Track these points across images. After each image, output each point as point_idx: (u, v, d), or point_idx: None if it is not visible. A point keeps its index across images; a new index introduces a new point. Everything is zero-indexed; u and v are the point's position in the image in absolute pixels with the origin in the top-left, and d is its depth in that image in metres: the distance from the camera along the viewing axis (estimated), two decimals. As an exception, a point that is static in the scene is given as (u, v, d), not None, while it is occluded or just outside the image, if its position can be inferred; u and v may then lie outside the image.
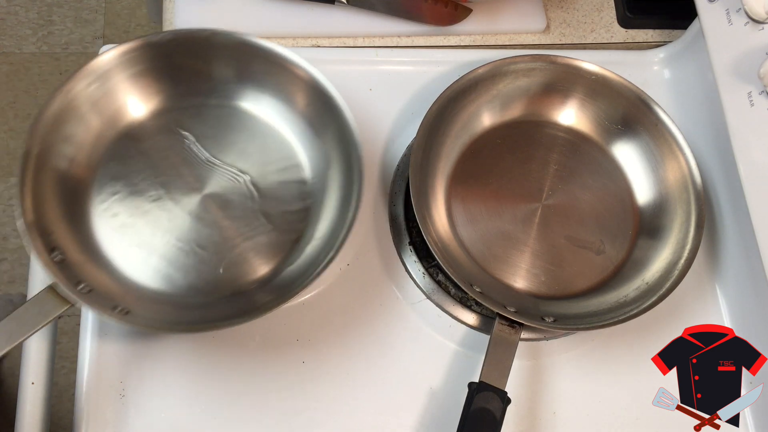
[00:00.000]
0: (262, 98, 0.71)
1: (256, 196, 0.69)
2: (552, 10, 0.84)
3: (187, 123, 0.70)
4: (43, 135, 0.64)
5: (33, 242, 0.60)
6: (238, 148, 0.70)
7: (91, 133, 0.68)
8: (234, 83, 0.71)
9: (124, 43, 0.68)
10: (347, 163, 0.67)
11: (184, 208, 0.68)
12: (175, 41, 0.68)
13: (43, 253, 0.60)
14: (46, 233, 0.62)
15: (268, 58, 0.69)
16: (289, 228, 0.68)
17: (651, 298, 0.67)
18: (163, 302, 0.64)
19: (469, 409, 0.60)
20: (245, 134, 0.71)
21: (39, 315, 0.58)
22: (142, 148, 0.69)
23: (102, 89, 0.68)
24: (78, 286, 0.60)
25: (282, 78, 0.70)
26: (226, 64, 0.70)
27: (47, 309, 0.58)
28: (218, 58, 0.70)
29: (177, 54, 0.69)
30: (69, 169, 0.66)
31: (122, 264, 0.66)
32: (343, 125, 0.67)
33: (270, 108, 0.71)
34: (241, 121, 0.71)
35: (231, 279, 0.66)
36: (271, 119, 0.71)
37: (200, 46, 0.69)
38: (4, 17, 1.67)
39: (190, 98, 0.71)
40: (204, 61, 0.70)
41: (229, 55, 0.69)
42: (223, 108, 0.71)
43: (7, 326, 0.57)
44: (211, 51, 0.69)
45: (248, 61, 0.70)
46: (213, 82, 0.71)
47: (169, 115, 0.71)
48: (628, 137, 0.76)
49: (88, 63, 0.67)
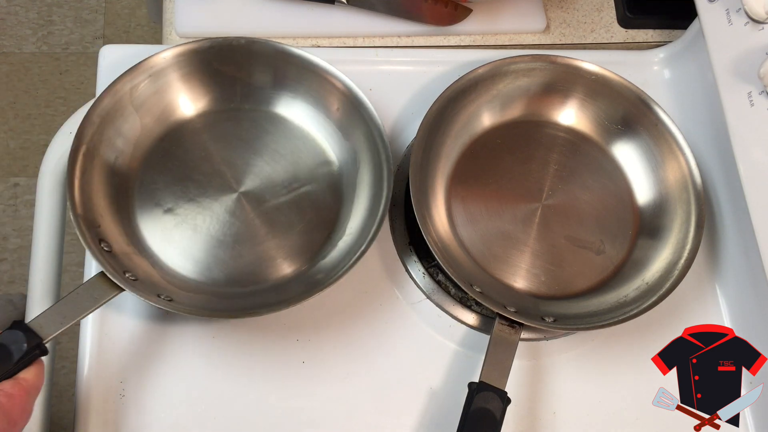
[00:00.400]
0: (295, 103, 0.74)
1: (289, 195, 0.72)
2: (552, 10, 0.84)
3: (225, 125, 0.74)
4: (92, 131, 0.67)
5: (82, 234, 0.63)
6: (272, 149, 0.73)
7: (138, 130, 0.71)
8: (268, 89, 0.74)
9: (175, 46, 0.71)
10: (376, 162, 0.70)
11: (222, 204, 0.70)
12: (213, 48, 0.72)
13: (91, 243, 0.63)
14: (93, 225, 0.65)
15: (302, 65, 0.72)
16: (322, 224, 0.71)
17: (651, 298, 0.67)
18: (202, 292, 0.67)
19: (469, 409, 0.60)
20: (279, 136, 0.74)
21: (91, 299, 0.61)
22: (185, 146, 0.73)
23: (152, 87, 0.71)
24: (125, 275, 0.63)
25: (314, 84, 0.73)
26: (262, 71, 0.73)
27: (98, 294, 0.61)
28: (254, 65, 0.73)
29: (216, 60, 0.73)
30: (115, 164, 0.69)
31: (164, 255, 0.68)
32: (373, 128, 0.70)
33: (302, 112, 0.74)
34: (275, 124, 0.74)
35: (267, 271, 0.69)
36: (302, 122, 0.75)
37: (238, 53, 0.72)
38: (4, 17, 1.67)
39: (227, 102, 0.75)
40: (240, 67, 0.73)
41: (265, 62, 0.73)
42: (258, 112, 0.75)
43: (62, 308, 0.60)
44: (248, 58, 0.73)
45: (283, 68, 0.73)
46: (249, 87, 0.74)
47: (210, 116, 0.74)
48: (628, 137, 0.76)
49: (139, 63, 0.70)
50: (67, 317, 0.59)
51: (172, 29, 0.79)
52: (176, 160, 0.72)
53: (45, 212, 0.74)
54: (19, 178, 1.49)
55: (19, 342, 0.56)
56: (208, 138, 0.73)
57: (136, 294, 0.61)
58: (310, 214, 0.71)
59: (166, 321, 0.68)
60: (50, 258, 0.72)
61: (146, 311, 0.68)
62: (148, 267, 0.67)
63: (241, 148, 0.73)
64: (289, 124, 0.74)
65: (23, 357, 0.56)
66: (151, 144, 0.72)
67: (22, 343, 0.56)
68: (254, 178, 0.72)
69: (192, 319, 0.68)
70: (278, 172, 0.72)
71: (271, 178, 0.72)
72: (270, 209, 0.71)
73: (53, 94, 1.61)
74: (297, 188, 0.72)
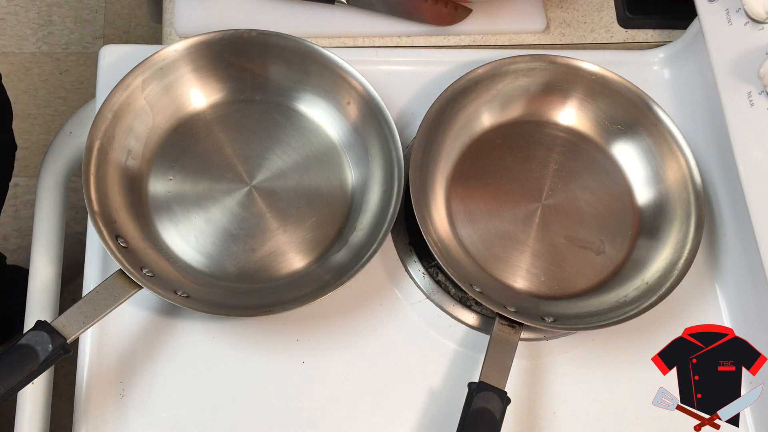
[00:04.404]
0: (307, 97, 0.75)
1: (300, 189, 0.72)
2: (552, 10, 0.84)
3: (236, 116, 0.74)
4: (105, 126, 0.67)
5: (99, 231, 0.63)
6: (283, 142, 0.74)
7: (150, 123, 0.71)
8: (281, 82, 0.74)
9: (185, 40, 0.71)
10: (387, 158, 0.70)
11: (235, 198, 0.71)
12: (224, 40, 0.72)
13: (108, 240, 0.63)
14: (109, 222, 0.65)
15: (313, 59, 0.72)
16: (333, 219, 0.71)
17: (651, 298, 0.67)
18: (216, 286, 0.67)
19: (469, 409, 0.60)
20: (290, 129, 0.74)
21: (110, 297, 0.61)
22: (197, 138, 0.73)
23: (163, 80, 0.71)
24: (142, 271, 0.63)
25: (325, 77, 0.73)
26: (273, 63, 0.74)
27: (117, 292, 0.61)
28: (266, 57, 0.73)
29: (227, 52, 0.72)
30: (128, 159, 0.70)
31: (178, 249, 0.69)
32: (386, 126, 0.70)
33: (313, 105, 0.75)
34: (287, 116, 0.75)
35: (278, 266, 0.69)
36: (313, 115, 0.75)
37: (249, 45, 0.72)
38: (4, 17, 1.67)
39: (238, 93, 0.75)
40: (251, 59, 0.73)
41: (276, 55, 0.73)
42: (269, 104, 0.75)
43: (84, 308, 0.60)
44: (258, 50, 0.73)
45: (294, 61, 0.73)
46: (260, 78, 0.74)
47: (221, 108, 0.74)
48: (628, 137, 0.76)
49: (150, 56, 0.70)
50: (89, 316, 0.60)
51: (172, 29, 0.79)
52: (189, 152, 0.72)
53: (45, 212, 0.74)
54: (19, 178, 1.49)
55: (44, 343, 0.57)
56: (220, 130, 0.73)
57: (154, 291, 0.61)
58: (321, 208, 0.72)
59: (167, 321, 0.68)
60: (50, 258, 0.72)
61: (146, 311, 0.68)
62: (164, 262, 0.67)
63: (252, 141, 0.73)
64: (300, 117, 0.75)
65: (48, 357, 0.56)
66: (163, 137, 0.72)
67: (47, 343, 0.57)
68: (266, 171, 0.72)
69: (193, 319, 0.68)
70: (289, 165, 0.73)
71: (282, 171, 0.72)
72: (281, 203, 0.71)
73: (53, 94, 1.61)
74: (308, 182, 0.72)
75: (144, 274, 0.63)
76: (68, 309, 0.60)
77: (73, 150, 0.76)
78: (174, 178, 0.71)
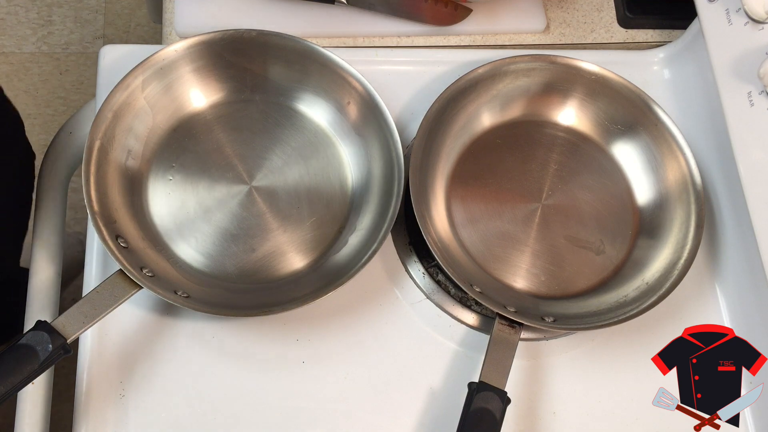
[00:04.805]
0: (307, 97, 0.75)
1: (301, 189, 0.72)
2: (552, 10, 0.84)
3: (236, 116, 0.74)
4: (105, 126, 0.67)
5: (99, 231, 0.63)
6: (283, 142, 0.74)
7: (150, 123, 0.71)
8: (281, 82, 0.74)
9: (185, 40, 0.71)
10: (388, 158, 0.70)
11: (235, 198, 0.71)
12: (224, 40, 0.72)
13: (108, 240, 0.63)
14: (109, 222, 0.65)
15: (317, 61, 0.72)
16: (333, 219, 0.71)
17: (651, 298, 0.67)
18: (216, 286, 0.67)
19: (469, 409, 0.60)
20: (290, 129, 0.74)
21: (111, 297, 0.61)
22: (197, 138, 0.73)
23: (163, 80, 0.71)
24: (142, 271, 0.63)
25: (325, 77, 0.73)
26: (273, 63, 0.74)
27: (117, 292, 0.61)
28: (266, 57, 0.73)
29: (227, 51, 0.72)
30: (128, 159, 0.70)
31: (178, 248, 0.69)
32: (386, 127, 0.70)
33: (313, 105, 0.75)
34: (287, 116, 0.75)
35: (278, 266, 0.69)
36: (313, 115, 0.75)
37: (249, 45, 0.72)
38: (4, 17, 1.67)
39: (238, 93, 0.75)
40: (251, 59, 0.73)
41: (276, 55, 0.73)
42: (269, 104, 0.75)
43: (84, 308, 0.60)
44: (259, 50, 0.73)
45: (294, 61, 0.73)
46: (260, 78, 0.74)
47: (221, 107, 0.74)
48: (628, 137, 0.76)
49: (150, 56, 0.70)
50: (89, 316, 0.60)
51: (172, 29, 0.79)
52: (189, 152, 0.72)
53: (45, 212, 0.74)
54: (19, 178, 1.49)
55: (44, 343, 0.57)
56: (220, 130, 0.73)
57: (154, 291, 0.61)
58: (321, 208, 0.72)
59: (167, 321, 0.68)
60: (50, 258, 0.72)
61: (146, 311, 0.68)
62: (164, 261, 0.67)
63: (252, 141, 0.73)
64: (300, 117, 0.75)
65: (48, 357, 0.56)
66: (163, 136, 0.72)
67: (47, 344, 0.57)
68: (266, 171, 0.72)
69: (192, 319, 0.68)
70: (289, 165, 0.73)
71: (282, 171, 0.72)
72: (281, 203, 0.71)
73: (53, 94, 1.61)
74: (308, 182, 0.72)
75: (144, 274, 0.63)
76: (68, 309, 0.60)
77: (73, 150, 0.76)
78: (174, 178, 0.71)
